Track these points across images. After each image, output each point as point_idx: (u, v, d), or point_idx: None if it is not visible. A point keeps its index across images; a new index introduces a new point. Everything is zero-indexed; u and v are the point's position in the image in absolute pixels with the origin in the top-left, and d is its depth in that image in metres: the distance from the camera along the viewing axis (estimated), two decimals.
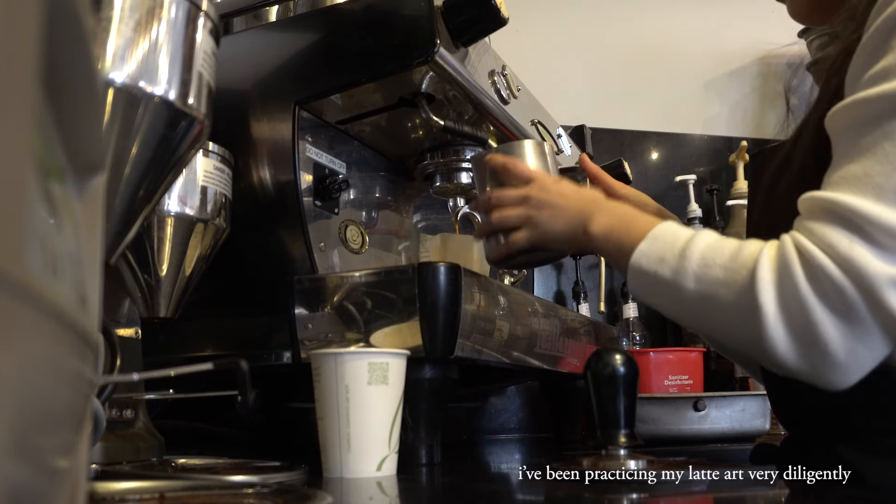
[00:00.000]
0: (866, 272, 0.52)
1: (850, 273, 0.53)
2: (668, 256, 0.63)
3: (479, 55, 0.93)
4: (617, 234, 0.69)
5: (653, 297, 0.66)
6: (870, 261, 0.52)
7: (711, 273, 0.60)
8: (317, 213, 0.92)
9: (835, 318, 0.54)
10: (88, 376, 0.25)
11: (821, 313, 0.54)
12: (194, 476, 0.53)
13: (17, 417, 0.16)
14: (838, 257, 0.53)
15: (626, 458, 0.59)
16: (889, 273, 0.52)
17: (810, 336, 0.55)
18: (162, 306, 0.71)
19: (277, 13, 0.95)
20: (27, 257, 0.16)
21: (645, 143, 1.80)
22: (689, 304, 0.62)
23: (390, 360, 0.66)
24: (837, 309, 0.54)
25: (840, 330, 0.54)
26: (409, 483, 0.66)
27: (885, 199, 0.53)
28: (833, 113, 0.58)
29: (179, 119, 0.51)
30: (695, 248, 0.61)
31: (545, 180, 0.79)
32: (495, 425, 1.50)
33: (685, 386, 1.23)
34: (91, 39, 0.22)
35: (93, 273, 0.26)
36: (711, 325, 0.63)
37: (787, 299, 0.56)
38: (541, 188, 0.78)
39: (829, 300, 0.54)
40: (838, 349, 0.54)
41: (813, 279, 0.54)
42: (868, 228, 0.53)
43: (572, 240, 0.76)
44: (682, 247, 0.62)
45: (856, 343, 0.54)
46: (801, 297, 0.55)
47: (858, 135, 0.56)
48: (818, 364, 0.56)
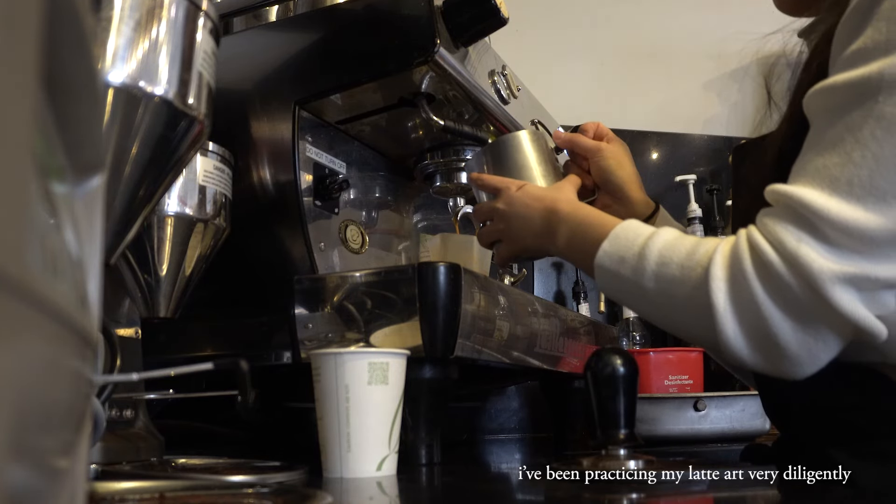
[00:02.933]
0: (811, 270, 0.52)
1: (796, 270, 0.53)
2: (628, 256, 0.63)
3: (479, 55, 0.93)
4: (580, 240, 0.70)
5: (618, 295, 0.67)
6: (815, 258, 0.52)
7: (668, 271, 0.60)
8: (317, 213, 0.92)
9: (785, 314, 0.54)
10: (88, 376, 0.25)
11: (771, 309, 0.54)
12: (194, 476, 0.53)
13: (17, 417, 0.16)
14: (785, 254, 0.53)
15: (626, 458, 0.59)
16: (834, 270, 0.52)
17: (762, 331, 0.55)
18: (162, 306, 0.71)
19: (277, 13, 0.95)
20: (27, 257, 0.16)
21: (645, 143, 1.80)
22: (651, 302, 0.63)
23: (390, 360, 0.66)
24: (787, 305, 0.54)
25: (791, 325, 0.54)
26: (409, 483, 0.66)
27: (838, 193, 0.52)
28: (808, 97, 0.57)
29: (179, 119, 0.51)
30: (653, 246, 0.62)
31: (510, 193, 0.79)
32: (495, 425, 1.50)
33: (685, 386, 1.23)
34: (91, 39, 0.22)
35: (93, 273, 0.26)
36: (672, 323, 0.64)
37: (739, 296, 0.56)
38: (506, 202, 0.79)
39: (779, 296, 0.54)
40: (790, 343, 0.55)
41: (763, 276, 0.55)
42: (818, 224, 0.53)
43: (542, 250, 0.77)
44: (642, 245, 0.63)
45: (808, 337, 0.54)
46: (751, 294, 0.55)
47: (825, 124, 0.55)
48: (773, 358, 0.56)
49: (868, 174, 0.52)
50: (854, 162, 0.52)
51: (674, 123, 1.83)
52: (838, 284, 0.52)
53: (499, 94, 0.97)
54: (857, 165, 0.52)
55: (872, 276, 0.52)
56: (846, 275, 0.52)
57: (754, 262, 0.55)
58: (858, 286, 0.52)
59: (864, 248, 0.52)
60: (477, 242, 1.02)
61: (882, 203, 0.51)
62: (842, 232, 0.52)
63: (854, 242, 0.52)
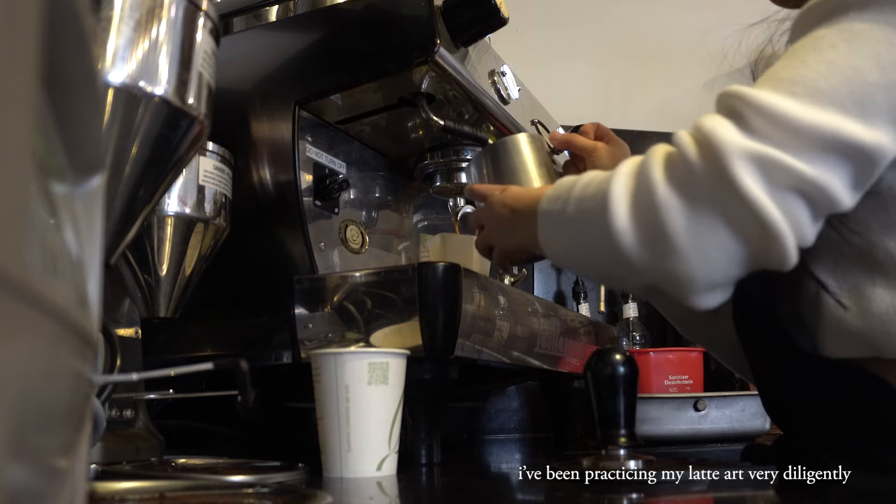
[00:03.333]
0: (720, 141, 0.49)
1: (703, 146, 0.51)
2: (561, 193, 0.62)
3: (479, 55, 0.93)
4: None
5: (551, 239, 0.64)
6: (728, 132, 0.50)
7: (589, 189, 0.59)
8: (317, 213, 0.92)
9: (678, 196, 0.51)
10: (88, 376, 0.25)
11: (664, 190, 0.52)
12: (194, 476, 0.53)
13: (17, 417, 0.16)
14: (699, 134, 0.52)
15: (626, 458, 0.59)
16: (744, 145, 0.49)
17: (652, 216, 0.52)
18: (162, 306, 0.71)
19: (277, 13, 0.95)
20: (27, 257, 0.16)
21: (645, 143, 1.77)
22: (574, 229, 0.61)
23: (390, 360, 0.66)
24: (682, 184, 0.51)
25: (682, 208, 0.51)
26: (409, 483, 0.66)
27: (778, 88, 0.51)
28: (795, 19, 0.56)
29: (179, 119, 0.51)
30: (583, 178, 0.61)
31: (492, 200, 0.78)
32: (495, 425, 1.50)
33: (685, 386, 1.23)
34: (91, 39, 0.22)
35: (93, 273, 0.26)
36: (588, 247, 0.60)
37: (639, 183, 0.54)
38: (488, 206, 0.78)
39: (676, 176, 0.52)
40: (679, 231, 0.51)
41: (666, 159, 0.53)
42: (745, 111, 0.50)
43: (528, 247, 0.75)
44: (575, 181, 0.61)
45: (698, 225, 0.51)
46: (649, 178, 0.53)
47: (796, 43, 0.54)
48: (659, 252, 0.53)
49: (814, 76, 0.50)
50: (806, 63, 0.51)
51: (674, 123, 1.82)
52: (745, 160, 0.49)
53: (499, 94, 0.97)
54: (806, 66, 0.51)
55: (785, 164, 0.48)
56: (756, 152, 0.49)
57: (666, 151, 0.54)
58: (767, 172, 0.49)
59: (785, 137, 0.49)
60: None
61: (817, 103, 0.49)
62: (766, 117, 0.49)
63: (776, 129, 0.49)
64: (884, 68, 0.49)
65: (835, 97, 0.49)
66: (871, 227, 0.54)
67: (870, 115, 0.49)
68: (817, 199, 0.50)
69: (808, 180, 0.49)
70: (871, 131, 0.49)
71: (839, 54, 0.50)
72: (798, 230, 0.50)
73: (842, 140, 0.49)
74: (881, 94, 0.49)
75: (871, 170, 0.51)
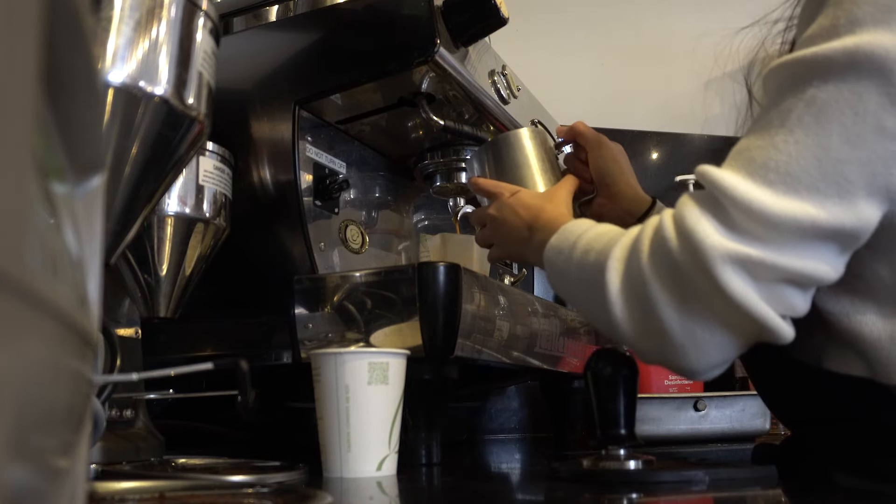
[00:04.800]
0: (702, 245, 0.50)
1: (687, 246, 0.51)
2: (564, 247, 0.63)
3: (479, 55, 0.93)
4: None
5: (557, 287, 0.66)
6: (710, 234, 0.50)
7: (588, 258, 0.59)
8: (317, 213, 0.92)
9: (670, 295, 0.52)
10: (88, 376, 0.25)
11: (656, 287, 0.52)
12: (194, 476, 0.53)
13: (17, 417, 0.16)
14: (682, 230, 0.51)
15: (626, 458, 0.59)
16: (727, 248, 0.49)
17: (648, 313, 0.53)
18: (162, 306, 0.71)
19: (277, 13, 0.95)
20: (27, 257, 0.16)
21: (645, 143, 1.79)
22: (573, 291, 0.62)
23: (390, 360, 0.66)
24: (673, 284, 0.52)
25: (674, 307, 0.52)
26: (409, 483, 0.66)
27: (752, 175, 0.50)
28: (763, 78, 0.55)
29: (179, 119, 0.51)
30: (585, 237, 0.61)
31: (501, 200, 0.77)
32: (495, 425, 1.50)
33: (685, 386, 1.23)
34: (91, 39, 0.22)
35: (93, 273, 0.26)
36: (586, 311, 0.62)
37: (630, 275, 0.54)
38: (497, 208, 0.78)
39: (665, 274, 0.52)
40: (674, 328, 0.52)
41: (655, 253, 0.53)
42: (724, 202, 0.50)
43: (524, 258, 0.76)
44: (578, 236, 0.62)
45: (692, 323, 0.52)
46: (641, 271, 0.53)
47: (766, 104, 0.53)
48: (659, 345, 0.54)
49: (785, 160, 0.49)
50: (775, 146, 0.50)
51: (674, 123, 1.83)
52: (729, 264, 0.49)
53: (499, 94, 0.97)
54: (777, 150, 0.50)
55: (768, 263, 0.49)
56: (739, 255, 0.49)
57: (652, 241, 0.54)
58: (752, 272, 0.49)
59: (765, 233, 0.49)
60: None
61: (792, 192, 0.49)
62: (744, 213, 0.49)
63: (755, 225, 0.49)
64: (853, 143, 0.49)
65: (809, 182, 0.49)
66: (862, 255, 0.53)
67: (846, 194, 0.49)
68: (805, 283, 0.51)
69: (793, 272, 0.49)
70: (849, 210, 0.49)
71: (808, 133, 0.49)
72: (791, 311, 0.52)
73: (821, 228, 0.49)
74: (853, 170, 0.49)
75: (856, 243, 0.51)
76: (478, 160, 0.89)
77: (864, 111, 0.48)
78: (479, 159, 0.89)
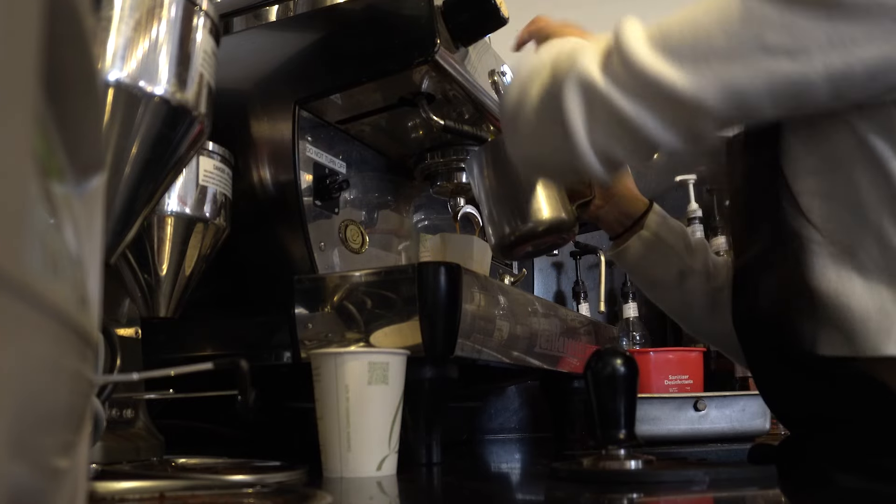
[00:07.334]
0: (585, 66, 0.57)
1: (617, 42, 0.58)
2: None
3: (479, 55, 0.93)
4: None
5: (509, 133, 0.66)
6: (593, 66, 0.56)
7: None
8: (317, 213, 0.92)
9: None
10: (88, 376, 0.25)
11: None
12: (194, 476, 0.53)
13: (17, 417, 0.16)
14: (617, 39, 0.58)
15: (626, 458, 0.59)
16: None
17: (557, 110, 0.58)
18: (162, 306, 0.71)
19: (277, 13, 0.95)
20: (27, 257, 0.16)
21: None
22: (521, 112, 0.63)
23: (390, 360, 0.66)
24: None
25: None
26: (409, 483, 0.66)
27: (657, 48, 0.54)
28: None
29: (179, 119, 0.51)
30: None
31: None
32: (495, 425, 1.50)
33: (685, 386, 1.23)
34: (91, 39, 0.22)
35: (93, 273, 0.26)
36: (533, 136, 0.63)
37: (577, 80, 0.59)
38: None
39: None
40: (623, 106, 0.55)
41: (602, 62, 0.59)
42: (615, 45, 0.56)
43: None
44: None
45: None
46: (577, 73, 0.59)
47: None
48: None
49: (678, 29, 0.54)
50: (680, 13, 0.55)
51: None
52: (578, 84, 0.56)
53: (499, 94, 0.97)
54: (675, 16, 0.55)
55: (608, 99, 0.56)
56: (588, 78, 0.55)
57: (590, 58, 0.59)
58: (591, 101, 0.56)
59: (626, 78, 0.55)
60: (477, 242, 1.02)
61: (668, 54, 0.53)
62: (625, 68, 0.55)
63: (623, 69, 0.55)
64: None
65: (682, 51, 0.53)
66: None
67: (707, 72, 0.52)
68: (635, 138, 0.56)
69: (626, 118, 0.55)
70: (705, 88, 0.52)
71: (707, 8, 0.53)
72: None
73: (676, 92, 0.53)
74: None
75: (695, 125, 0.55)
76: (477, 161, 0.89)
77: (755, 20, 0.50)
78: (478, 160, 0.89)
